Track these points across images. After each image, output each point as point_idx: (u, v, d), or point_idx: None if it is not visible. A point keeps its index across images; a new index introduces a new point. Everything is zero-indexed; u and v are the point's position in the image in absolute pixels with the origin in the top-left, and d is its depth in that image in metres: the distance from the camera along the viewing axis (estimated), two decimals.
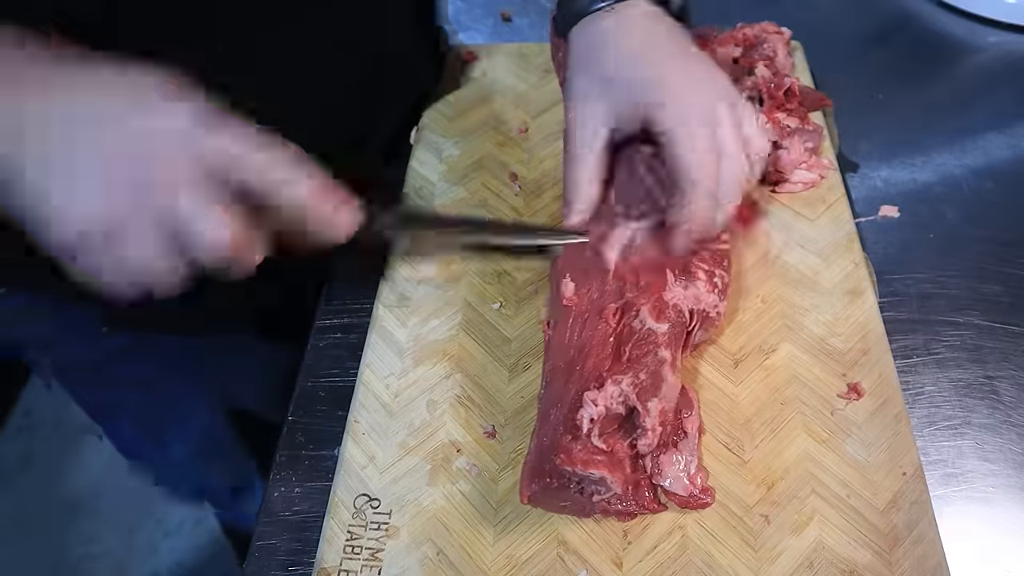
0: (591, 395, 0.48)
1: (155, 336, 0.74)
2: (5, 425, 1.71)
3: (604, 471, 0.47)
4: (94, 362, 0.75)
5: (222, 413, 0.85)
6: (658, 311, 0.52)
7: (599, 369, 0.50)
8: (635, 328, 0.52)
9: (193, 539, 1.54)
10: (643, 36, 0.56)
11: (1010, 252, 0.66)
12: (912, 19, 0.88)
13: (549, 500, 0.49)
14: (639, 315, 0.52)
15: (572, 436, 0.47)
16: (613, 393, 0.48)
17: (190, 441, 0.89)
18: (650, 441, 0.49)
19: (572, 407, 0.48)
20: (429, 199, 0.70)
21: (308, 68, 0.63)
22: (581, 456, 0.47)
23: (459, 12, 0.94)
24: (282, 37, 0.60)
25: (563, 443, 0.47)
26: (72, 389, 0.85)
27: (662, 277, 0.54)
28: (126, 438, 0.92)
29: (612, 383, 0.49)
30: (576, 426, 0.47)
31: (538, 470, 0.47)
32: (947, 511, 0.52)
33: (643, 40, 0.56)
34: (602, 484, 0.47)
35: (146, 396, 0.82)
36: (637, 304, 0.52)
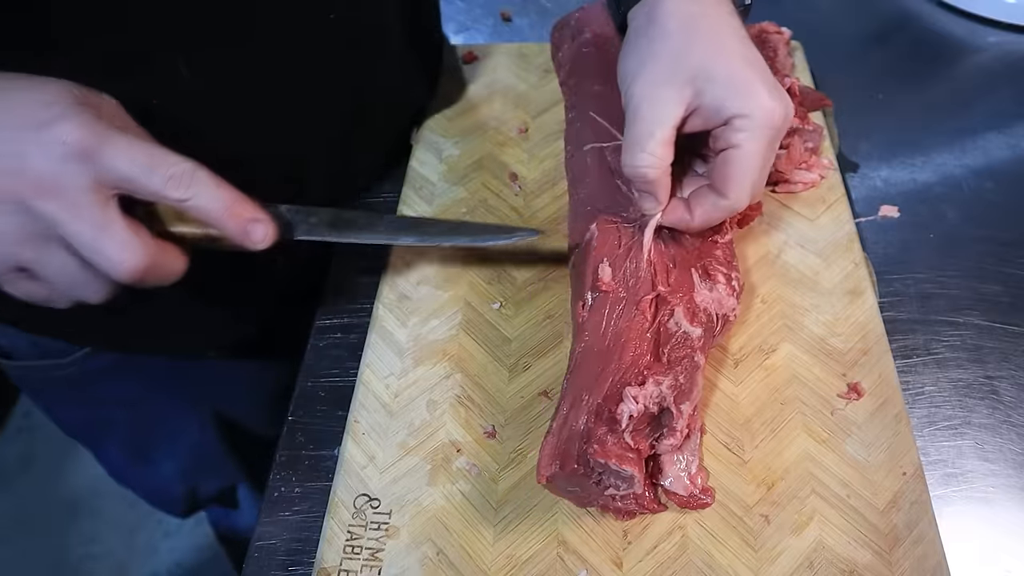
0: (633, 391, 0.48)
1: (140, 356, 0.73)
2: (5, 425, 1.71)
3: (635, 469, 0.47)
4: (77, 381, 0.74)
5: (212, 429, 0.84)
6: (692, 314, 0.52)
7: (638, 364, 0.50)
8: (672, 330, 0.52)
9: (193, 539, 1.54)
10: (732, 32, 0.52)
11: (1010, 252, 0.66)
12: (912, 19, 0.88)
13: (562, 484, 0.49)
14: (674, 316, 0.52)
15: (609, 429, 0.48)
16: (653, 393, 0.49)
17: (179, 458, 0.88)
18: (676, 443, 0.49)
19: (609, 398, 0.48)
20: (429, 199, 0.70)
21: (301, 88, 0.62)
22: (615, 450, 0.47)
23: (459, 12, 0.94)
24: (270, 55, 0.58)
25: (599, 434, 0.47)
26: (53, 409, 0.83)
27: (688, 274, 0.54)
28: (113, 460, 0.90)
29: (654, 383, 0.49)
30: (615, 420, 0.48)
31: (565, 453, 0.47)
32: (947, 511, 0.52)
33: (732, 37, 0.52)
34: (629, 481, 0.48)
35: (133, 414, 0.81)
36: (671, 303, 0.53)
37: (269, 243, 0.47)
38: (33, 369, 0.73)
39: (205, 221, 0.45)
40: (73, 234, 0.41)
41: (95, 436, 0.87)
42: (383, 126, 0.73)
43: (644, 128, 0.51)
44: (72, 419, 0.85)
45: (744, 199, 0.51)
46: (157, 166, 0.42)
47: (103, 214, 0.41)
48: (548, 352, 0.59)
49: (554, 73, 0.78)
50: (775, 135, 0.51)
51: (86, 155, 0.41)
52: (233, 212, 0.45)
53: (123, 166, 0.42)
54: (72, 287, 0.43)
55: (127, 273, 0.42)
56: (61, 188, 0.41)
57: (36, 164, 0.41)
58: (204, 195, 0.44)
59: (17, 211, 0.41)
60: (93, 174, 0.41)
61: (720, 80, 0.50)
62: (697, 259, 0.55)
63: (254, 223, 0.46)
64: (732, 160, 0.50)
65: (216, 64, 0.55)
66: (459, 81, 0.80)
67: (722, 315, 0.54)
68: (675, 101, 0.51)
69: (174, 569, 1.51)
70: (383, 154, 0.74)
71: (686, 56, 0.51)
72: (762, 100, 0.49)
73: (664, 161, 0.52)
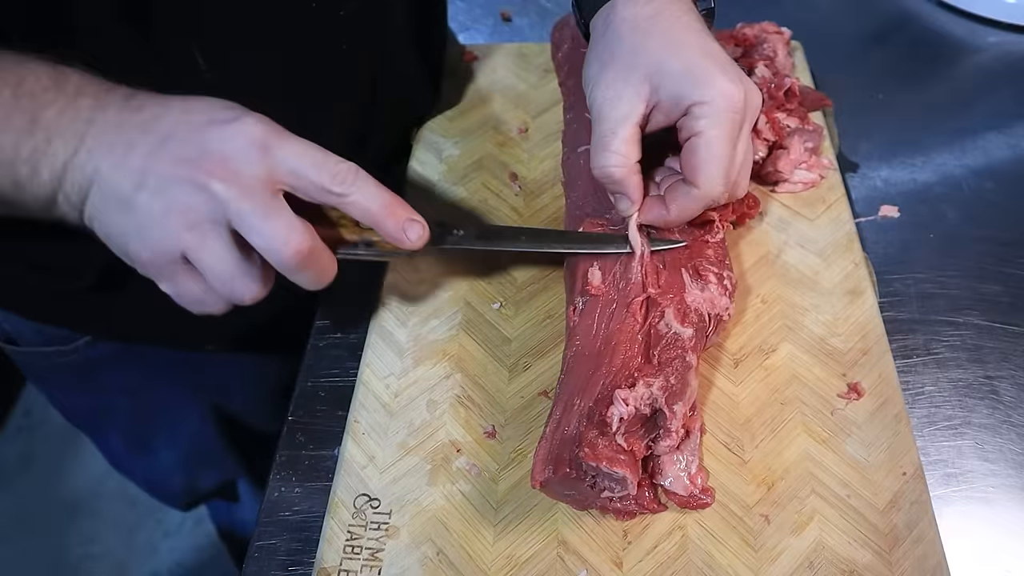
0: (623, 394, 0.48)
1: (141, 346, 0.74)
2: (5, 425, 1.71)
3: (626, 470, 0.47)
4: (80, 368, 0.75)
5: (212, 421, 0.84)
6: (682, 315, 0.53)
7: (628, 367, 0.50)
8: (662, 331, 0.52)
9: (193, 539, 1.54)
10: (686, 28, 0.53)
11: (1010, 252, 0.66)
12: (912, 19, 0.88)
13: (558, 488, 0.49)
14: (665, 317, 0.52)
15: (600, 432, 0.48)
16: (644, 395, 0.49)
17: (179, 448, 0.88)
18: (672, 443, 0.50)
19: (600, 401, 0.49)
20: (429, 199, 0.70)
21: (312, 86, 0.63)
22: (606, 453, 0.47)
23: (459, 12, 0.94)
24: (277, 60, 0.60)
25: (589, 437, 0.47)
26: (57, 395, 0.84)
27: (679, 275, 0.54)
28: (114, 448, 0.91)
29: (644, 385, 0.49)
30: (605, 423, 0.48)
31: (558, 457, 0.47)
32: (947, 511, 0.52)
33: (687, 32, 0.53)
34: (621, 483, 0.48)
35: (134, 402, 0.81)
36: (662, 304, 0.53)
37: (422, 245, 0.49)
38: (37, 355, 0.74)
39: (364, 219, 0.47)
40: (244, 213, 0.43)
41: (97, 423, 0.88)
42: (389, 125, 0.73)
43: (607, 128, 0.52)
44: (75, 406, 0.86)
45: (716, 186, 0.52)
46: (324, 163, 0.45)
47: (272, 200, 0.44)
48: (548, 352, 0.59)
49: (554, 73, 0.78)
50: (738, 119, 0.51)
51: (265, 147, 0.44)
52: (392, 211, 0.48)
53: (294, 161, 0.44)
54: (229, 280, 0.44)
55: (290, 254, 0.44)
56: (238, 172, 0.43)
57: (219, 148, 0.43)
58: (364, 193, 0.46)
59: (194, 191, 0.42)
60: (268, 165, 0.44)
61: (675, 72, 0.51)
62: (688, 259, 0.55)
63: (411, 223, 0.48)
64: (697, 148, 0.51)
65: (231, 56, 0.56)
66: (459, 81, 0.80)
67: (715, 315, 0.54)
68: (633, 99, 0.52)
69: (174, 569, 1.51)
70: (387, 154, 0.74)
71: (641, 55, 0.52)
72: (719, 85, 0.50)
73: (629, 159, 0.53)
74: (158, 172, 0.43)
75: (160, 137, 0.43)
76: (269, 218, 0.43)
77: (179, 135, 0.43)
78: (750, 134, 0.54)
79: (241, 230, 0.43)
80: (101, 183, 0.43)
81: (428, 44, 0.76)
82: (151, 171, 0.43)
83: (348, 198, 0.46)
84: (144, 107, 0.44)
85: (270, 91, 0.60)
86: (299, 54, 0.60)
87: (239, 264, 0.44)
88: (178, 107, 0.45)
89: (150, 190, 0.43)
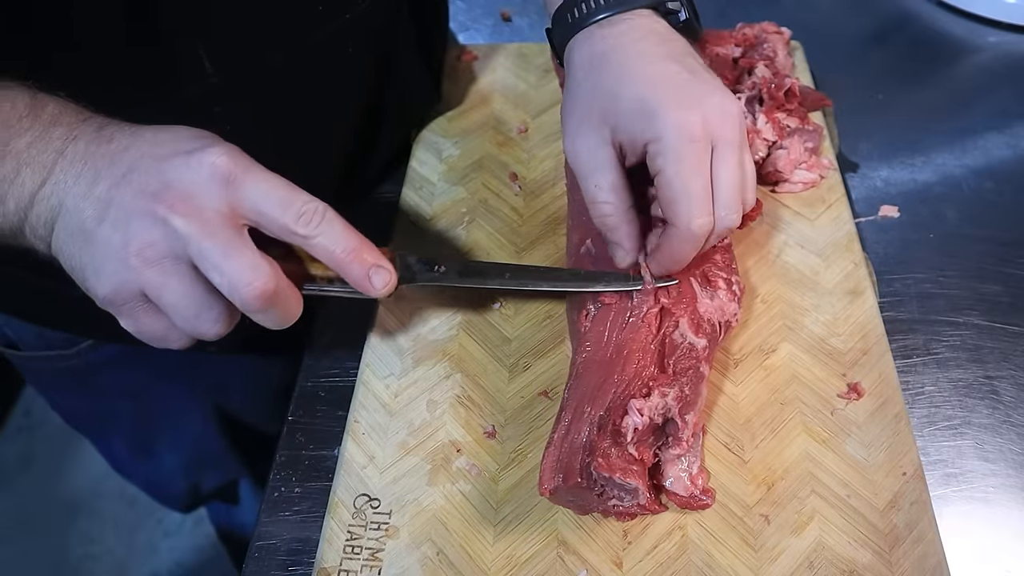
0: (638, 404, 0.48)
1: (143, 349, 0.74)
2: (5, 425, 1.71)
3: (639, 481, 0.47)
4: (82, 372, 0.74)
5: (214, 422, 0.84)
6: (696, 325, 0.52)
7: (640, 376, 0.50)
8: (677, 341, 0.52)
9: (193, 539, 1.54)
10: (639, 56, 0.51)
11: (1010, 252, 0.66)
12: (912, 19, 0.88)
13: (564, 495, 0.48)
14: (679, 327, 0.52)
15: (613, 442, 0.48)
16: (658, 405, 0.49)
17: (182, 451, 0.88)
18: (682, 451, 0.50)
19: (612, 410, 0.48)
20: (429, 199, 0.70)
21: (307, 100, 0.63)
22: (619, 464, 0.47)
23: (459, 12, 0.94)
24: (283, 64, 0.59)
25: (603, 448, 0.47)
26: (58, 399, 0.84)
27: (688, 283, 0.54)
28: (116, 452, 0.91)
29: (659, 395, 0.49)
30: (619, 432, 0.48)
31: (568, 466, 0.47)
32: (947, 511, 0.52)
33: (640, 60, 0.51)
34: (632, 493, 0.48)
35: (136, 406, 0.81)
36: (676, 314, 0.52)
37: (388, 292, 0.47)
38: (39, 360, 0.73)
39: (328, 262, 0.46)
40: (205, 250, 0.41)
41: (99, 427, 0.88)
42: (391, 127, 0.73)
43: (589, 183, 0.51)
44: (76, 410, 0.85)
45: (694, 222, 0.48)
46: (291, 201, 0.43)
47: (235, 237, 0.42)
48: (548, 352, 0.59)
49: (554, 73, 0.78)
50: (698, 147, 0.48)
51: (229, 180, 0.42)
52: (358, 255, 0.46)
53: (260, 197, 0.43)
54: (191, 317, 0.43)
55: (253, 295, 0.42)
56: (200, 207, 0.41)
57: (180, 181, 0.42)
58: (331, 235, 0.44)
59: (154, 225, 0.41)
60: (231, 200, 0.42)
61: (626, 111, 0.50)
62: (696, 265, 0.55)
63: (377, 269, 0.46)
64: (661, 187, 0.49)
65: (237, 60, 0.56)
66: (459, 81, 0.80)
67: (724, 322, 0.54)
68: (599, 145, 0.51)
69: (174, 569, 1.51)
70: (388, 156, 0.74)
71: (596, 96, 0.51)
72: (669, 117, 0.48)
73: (620, 207, 0.51)
74: (120, 204, 0.41)
75: (125, 169, 0.42)
76: (231, 257, 0.41)
77: (142, 167, 0.42)
78: (739, 152, 0.50)
79: (202, 268, 0.42)
80: (66, 215, 0.42)
81: (430, 45, 0.76)
82: (113, 203, 0.41)
83: (312, 240, 0.44)
84: (114, 138, 0.43)
85: (276, 95, 0.60)
86: (305, 58, 0.60)
87: (202, 301, 0.43)
88: (147, 138, 0.43)
89: (111, 222, 0.41)
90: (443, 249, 0.67)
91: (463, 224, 0.68)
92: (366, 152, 0.71)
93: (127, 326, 0.44)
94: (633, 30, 0.53)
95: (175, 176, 0.42)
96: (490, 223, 0.68)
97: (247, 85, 0.58)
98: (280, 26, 0.58)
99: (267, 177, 0.43)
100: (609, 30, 0.53)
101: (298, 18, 0.59)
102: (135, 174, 0.42)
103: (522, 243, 0.66)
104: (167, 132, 0.44)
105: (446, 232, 0.68)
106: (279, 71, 0.59)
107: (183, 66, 0.54)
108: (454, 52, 0.82)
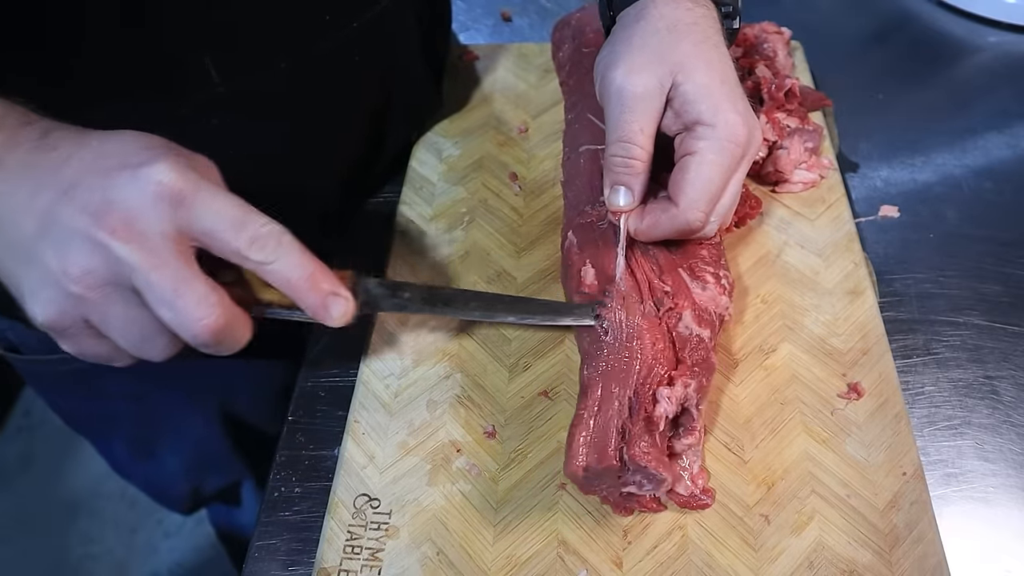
0: (666, 392, 0.49)
1: None
2: (5, 425, 1.71)
3: (667, 472, 0.47)
4: (84, 375, 0.74)
5: (217, 425, 0.84)
6: (699, 317, 0.53)
7: (660, 361, 0.50)
8: (684, 334, 0.52)
9: (193, 539, 1.54)
10: (715, 47, 0.52)
11: (1010, 252, 0.66)
12: (912, 19, 0.88)
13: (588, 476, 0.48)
14: (683, 319, 0.52)
15: (648, 432, 0.48)
16: (680, 395, 0.49)
17: (184, 453, 0.88)
18: (695, 442, 0.50)
19: (640, 394, 0.48)
20: (429, 199, 0.70)
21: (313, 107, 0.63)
22: (655, 453, 0.47)
23: (459, 12, 0.94)
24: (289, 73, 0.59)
25: (639, 436, 0.47)
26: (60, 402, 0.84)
27: (679, 275, 0.54)
28: (118, 455, 0.90)
29: (682, 385, 0.49)
30: (653, 422, 0.48)
31: (601, 448, 0.47)
32: (947, 511, 0.52)
33: (716, 51, 0.52)
34: (659, 483, 0.48)
35: (138, 409, 0.81)
36: (679, 305, 0.53)
37: (347, 322, 0.45)
38: (41, 363, 0.73)
39: (283, 289, 0.43)
40: (151, 284, 0.39)
41: (100, 430, 0.87)
42: (395, 129, 0.73)
43: (631, 123, 0.51)
44: (78, 413, 0.85)
45: (696, 211, 0.50)
46: (244, 224, 0.41)
47: (183, 266, 0.39)
48: (548, 352, 0.59)
49: (554, 73, 0.78)
50: (738, 152, 0.50)
51: (176, 200, 0.39)
52: (314, 283, 0.43)
53: (210, 219, 0.40)
54: (137, 344, 0.41)
55: (202, 332, 0.40)
56: (143, 232, 0.39)
57: (124, 201, 0.39)
58: (286, 261, 0.42)
59: (95, 251, 0.38)
60: (179, 222, 0.39)
61: (697, 81, 0.50)
62: (683, 260, 0.55)
63: (334, 298, 0.44)
64: (688, 166, 0.50)
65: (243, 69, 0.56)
66: (460, 81, 0.80)
67: (719, 314, 0.54)
68: (656, 92, 0.51)
69: (174, 569, 1.51)
70: (390, 157, 0.74)
71: (670, 51, 0.51)
72: (729, 115, 0.50)
73: (648, 155, 0.51)
74: (60, 222, 0.38)
75: (68, 182, 0.39)
76: (180, 293, 0.39)
77: (86, 181, 0.39)
78: (743, 177, 0.53)
79: (149, 301, 0.39)
80: (3, 226, 0.40)
81: (433, 48, 0.76)
82: (53, 219, 0.39)
83: (267, 266, 0.41)
84: (59, 145, 0.40)
85: (281, 104, 0.60)
86: (311, 67, 0.60)
87: (149, 327, 0.40)
88: (93, 147, 0.40)
89: (50, 241, 0.39)
90: (443, 250, 0.67)
91: (463, 224, 0.68)
92: (369, 156, 0.71)
93: (69, 348, 0.42)
94: (712, 20, 0.54)
95: (118, 196, 0.39)
96: (490, 223, 0.68)
97: (253, 94, 0.57)
98: (286, 36, 0.58)
99: (218, 196, 0.40)
100: (694, 7, 0.54)
101: (305, 28, 0.58)
102: (77, 189, 0.39)
103: (522, 243, 0.66)
104: (115, 141, 0.41)
105: (446, 232, 0.68)
106: (285, 80, 0.59)
107: (189, 75, 0.54)
108: (455, 52, 0.82)
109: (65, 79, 0.51)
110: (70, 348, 0.42)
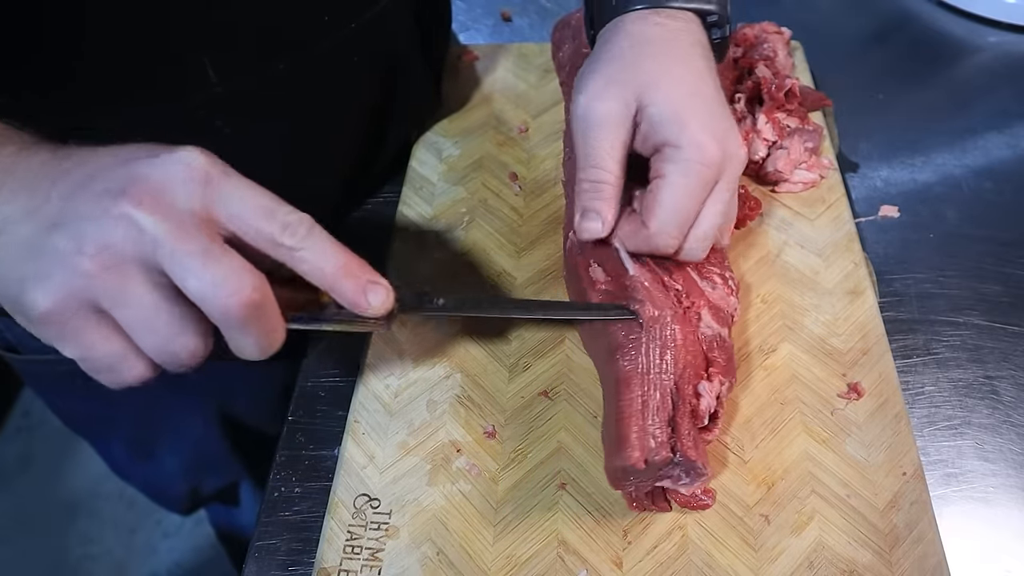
0: (707, 387, 0.49)
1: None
2: (5, 425, 1.71)
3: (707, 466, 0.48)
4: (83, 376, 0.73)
5: (216, 426, 0.84)
6: (718, 316, 0.53)
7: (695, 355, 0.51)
8: (707, 334, 0.52)
9: (193, 540, 1.54)
10: (685, 61, 0.51)
11: (1010, 252, 0.66)
12: (912, 19, 0.88)
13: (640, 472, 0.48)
14: (703, 319, 0.52)
15: (693, 424, 0.48)
16: (717, 390, 0.50)
17: (183, 454, 0.88)
18: (713, 438, 0.51)
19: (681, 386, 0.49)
20: (429, 199, 0.70)
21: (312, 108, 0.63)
22: (703, 448, 0.48)
23: (459, 12, 0.94)
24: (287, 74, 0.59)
25: (689, 429, 0.47)
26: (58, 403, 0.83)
27: (689, 276, 0.54)
28: (116, 455, 0.90)
29: (719, 382, 0.50)
30: (698, 415, 0.49)
31: (658, 440, 0.46)
32: (947, 511, 0.52)
33: (686, 66, 0.51)
34: (700, 477, 0.48)
35: (137, 409, 0.81)
36: (696, 304, 0.53)
37: (384, 311, 0.42)
38: (39, 363, 0.73)
39: (316, 279, 0.40)
40: (179, 253, 0.35)
41: (99, 431, 0.87)
42: (394, 129, 0.73)
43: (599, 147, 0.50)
44: (77, 413, 0.85)
45: (665, 235, 0.49)
46: (274, 212, 0.38)
47: (211, 242, 0.36)
48: (548, 352, 0.59)
49: (554, 73, 0.78)
50: (708, 173, 0.48)
51: (206, 181, 0.37)
52: (350, 271, 0.40)
53: (239, 203, 0.38)
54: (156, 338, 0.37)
55: (238, 304, 0.36)
56: (172, 204, 0.36)
57: (151, 176, 0.36)
58: (319, 248, 0.39)
59: (116, 224, 0.35)
60: (208, 203, 0.37)
61: (661, 103, 0.49)
62: (688, 263, 0.55)
63: (373, 285, 0.41)
64: (657, 189, 0.49)
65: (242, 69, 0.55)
66: (459, 81, 0.80)
67: (730, 313, 0.54)
68: (622, 116, 0.50)
69: (174, 569, 1.51)
70: (390, 157, 0.75)
71: (635, 72, 0.50)
72: (696, 135, 0.48)
73: (618, 179, 0.50)
74: (75, 211, 0.36)
75: (84, 176, 0.37)
76: (208, 262, 0.35)
77: (104, 173, 0.37)
78: (731, 195, 0.51)
79: (174, 274, 0.36)
80: (11, 229, 0.37)
81: (432, 48, 0.76)
82: (68, 210, 0.36)
83: (299, 253, 0.39)
84: (71, 155, 0.39)
85: (280, 104, 0.60)
86: (310, 67, 0.60)
87: (173, 316, 0.36)
88: (110, 150, 0.39)
89: (63, 230, 0.36)
90: (443, 250, 0.67)
91: (463, 224, 0.68)
92: (369, 156, 0.71)
93: (70, 351, 0.38)
94: (687, 33, 0.52)
95: (145, 172, 0.36)
96: (490, 223, 0.68)
97: (251, 94, 0.57)
98: (285, 36, 0.57)
99: (247, 183, 0.39)
100: (666, 21, 0.52)
101: (304, 28, 0.58)
102: (95, 180, 0.37)
103: (522, 243, 0.66)
104: (133, 145, 0.39)
105: (446, 232, 0.68)
106: (284, 80, 0.59)
107: (188, 76, 0.54)
108: (455, 52, 0.82)
109: (64, 80, 0.51)
110: (72, 349, 0.38)
